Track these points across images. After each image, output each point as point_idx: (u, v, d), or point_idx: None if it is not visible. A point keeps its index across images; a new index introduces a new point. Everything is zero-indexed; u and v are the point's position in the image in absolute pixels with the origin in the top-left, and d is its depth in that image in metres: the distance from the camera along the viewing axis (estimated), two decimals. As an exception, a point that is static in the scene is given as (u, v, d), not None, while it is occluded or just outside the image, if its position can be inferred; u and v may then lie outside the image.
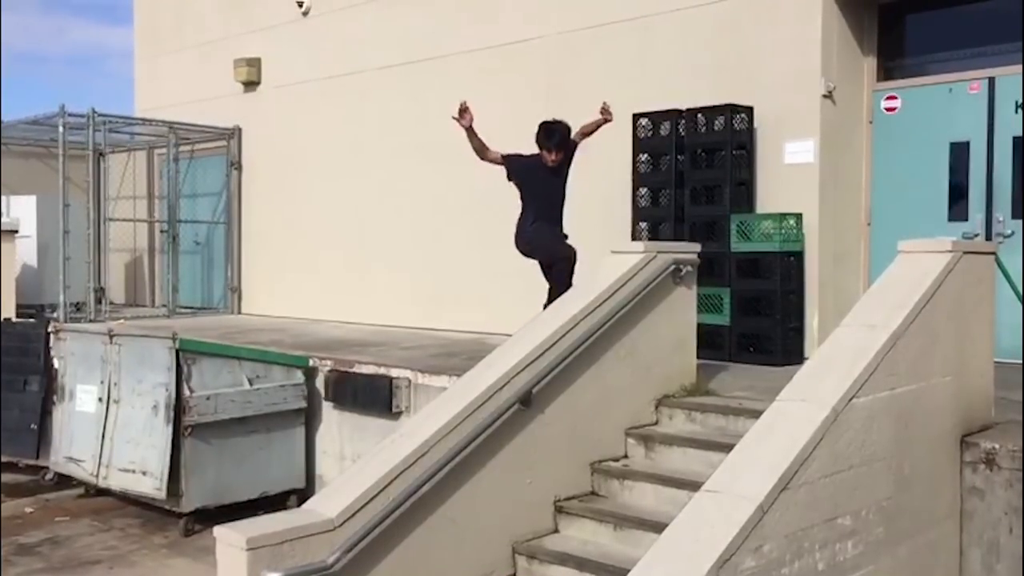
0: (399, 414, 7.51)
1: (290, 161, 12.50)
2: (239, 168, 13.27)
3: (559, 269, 6.77)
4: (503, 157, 6.79)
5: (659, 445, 5.71)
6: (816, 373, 4.45)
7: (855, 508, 4.29)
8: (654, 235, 8.33)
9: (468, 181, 10.35)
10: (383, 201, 11.22)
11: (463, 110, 6.70)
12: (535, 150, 6.84)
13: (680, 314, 6.24)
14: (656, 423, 5.98)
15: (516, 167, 6.84)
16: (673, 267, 6.06)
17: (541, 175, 6.76)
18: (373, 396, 7.71)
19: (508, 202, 10.01)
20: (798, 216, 7.79)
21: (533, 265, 9.79)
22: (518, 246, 6.96)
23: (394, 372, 7.68)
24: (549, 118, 6.78)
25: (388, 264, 11.19)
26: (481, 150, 6.80)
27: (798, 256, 7.82)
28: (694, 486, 4.47)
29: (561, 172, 6.87)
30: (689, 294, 6.30)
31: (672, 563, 3.68)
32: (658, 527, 4.44)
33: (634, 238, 8.36)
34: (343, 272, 11.68)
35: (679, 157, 8.29)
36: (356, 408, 7.94)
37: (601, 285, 5.74)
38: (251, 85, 13.04)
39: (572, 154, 6.90)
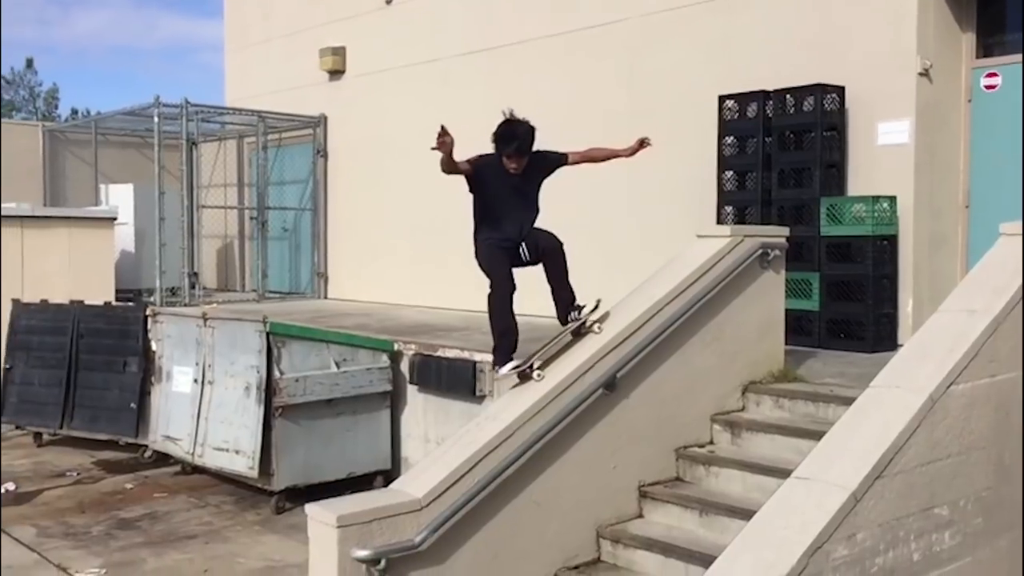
0: (483, 397, 7.57)
1: (374, 148, 12.67)
2: (325, 155, 13.52)
3: (555, 264, 5.65)
4: (473, 166, 5.53)
5: (746, 431, 5.63)
6: (912, 359, 4.33)
7: (953, 498, 4.17)
8: (740, 219, 8.19)
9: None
10: (464, 188, 11.28)
11: (442, 135, 5.21)
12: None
13: (768, 299, 6.12)
14: (743, 409, 5.90)
15: (483, 169, 5.55)
16: (761, 251, 5.95)
17: (507, 180, 5.49)
18: (457, 380, 7.79)
19: (586, 188, 10.02)
20: (892, 199, 7.55)
21: (613, 250, 9.78)
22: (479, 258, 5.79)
23: (477, 356, 7.73)
24: (510, 114, 5.44)
25: (469, 250, 11.24)
26: (453, 168, 5.46)
27: (891, 240, 7.59)
28: (783, 473, 4.39)
29: (532, 183, 5.63)
30: (777, 279, 6.19)
31: (761, 550, 3.63)
32: (745, 514, 4.39)
33: (719, 222, 8.23)
34: (426, 257, 11.80)
35: (766, 139, 8.12)
36: (440, 391, 8.04)
37: (687, 269, 5.68)
38: (336, 74, 13.25)
39: (549, 170, 5.69)
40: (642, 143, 5.96)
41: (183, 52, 65.50)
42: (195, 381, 8.35)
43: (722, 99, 8.38)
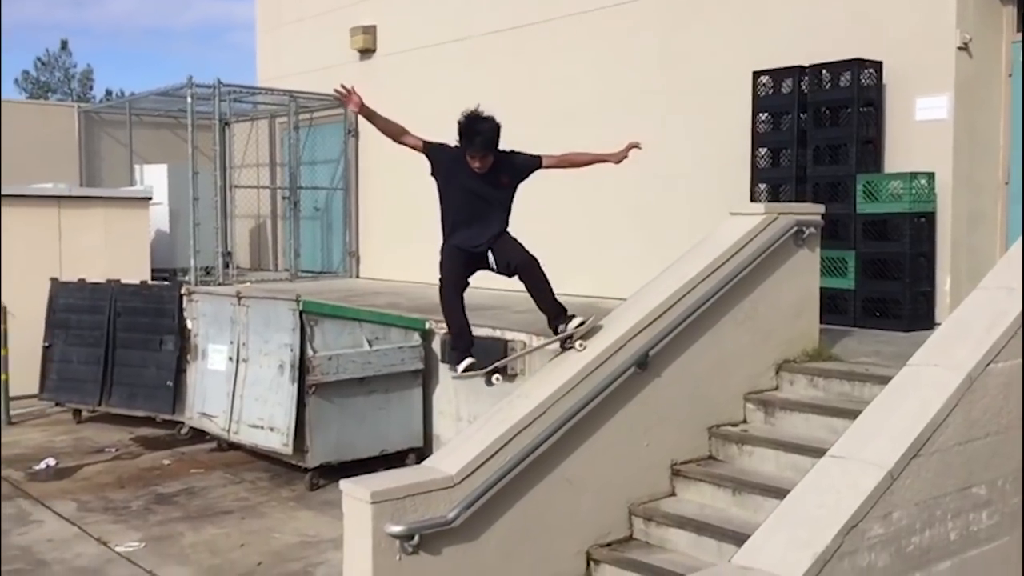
0: (514, 376, 7.58)
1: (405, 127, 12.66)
2: (356, 135, 13.54)
3: (531, 278, 5.32)
4: (424, 143, 5.34)
5: (779, 410, 5.60)
6: (950, 337, 4.28)
7: (991, 477, 4.12)
8: (774, 197, 8.11)
9: (582, 146, 10.28)
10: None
11: (347, 93, 5.26)
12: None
13: (802, 277, 6.07)
14: (776, 388, 5.86)
15: (439, 157, 5.32)
16: (795, 229, 5.89)
17: (469, 179, 5.13)
18: (488, 358, 7.78)
19: (619, 168, 9.93)
20: (930, 175, 7.43)
21: (644, 231, 9.73)
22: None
23: (509, 335, 7.75)
24: (473, 109, 5.08)
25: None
26: (396, 133, 5.39)
27: (929, 217, 7.48)
28: (817, 452, 4.37)
29: (499, 186, 5.24)
30: (812, 257, 6.12)
31: (796, 528, 3.62)
32: (779, 493, 4.37)
33: (753, 200, 8.16)
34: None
35: (801, 115, 8.01)
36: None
37: (720, 247, 5.64)
38: (367, 53, 13.25)
39: (521, 174, 5.36)
40: (630, 148, 5.60)
41: (215, 32, 65.81)
42: (230, 359, 8.44)
43: (756, 75, 8.28)
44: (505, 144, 5.34)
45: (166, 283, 10.73)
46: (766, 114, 8.28)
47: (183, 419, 9.20)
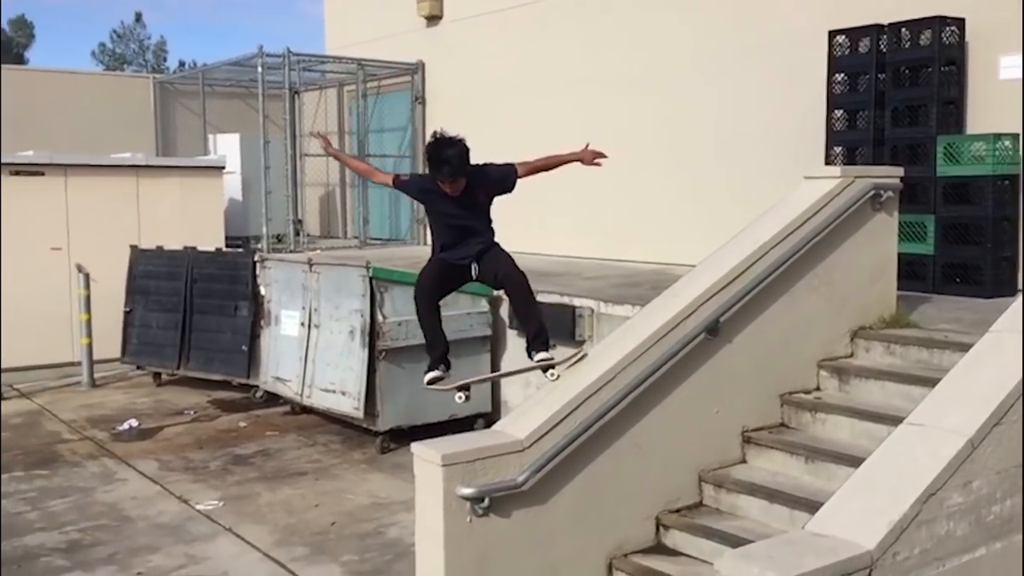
0: (582, 342, 7.57)
1: (470, 94, 12.66)
2: (423, 102, 13.58)
3: (515, 291, 5.24)
4: (393, 180, 5.37)
5: (854, 378, 5.49)
6: (1036, 303, 4.13)
7: (1077, 447, 3.98)
8: (850, 160, 7.90)
9: (649, 112, 10.17)
10: (564, 133, 11.15)
11: (322, 140, 5.66)
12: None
13: (879, 242, 5.91)
14: (851, 355, 5.74)
15: (410, 190, 5.41)
16: (872, 192, 5.73)
17: (445, 204, 5.09)
18: (556, 324, 7.77)
19: (690, 133, 9.80)
20: (1014, 136, 7.15)
21: (716, 197, 9.58)
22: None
23: (576, 301, 7.73)
24: (438, 134, 4.95)
25: (568, 195, 11.19)
26: (366, 172, 5.57)
27: (1013, 180, 7.21)
28: (893, 420, 4.29)
29: (477, 203, 5.17)
30: (889, 221, 5.96)
31: (871, 496, 3.56)
32: (854, 461, 4.30)
33: (828, 163, 7.96)
34: (523, 204, 11.70)
35: (879, 76, 7.77)
36: (540, 336, 8.06)
37: (794, 212, 5.52)
38: (433, 20, 13.23)
39: (497, 187, 5.23)
40: (598, 155, 5.48)
41: (284, 2, 66.45)
42: (302, 324, 8.60)
43: (832, 34, 8.05)
44: (569, 116, 5.27)
45: (240, 250, 10.95)
46: (842, 75, 8.05)
47: (257, 383, 9.42)
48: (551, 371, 5.04)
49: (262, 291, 9.41)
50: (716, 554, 3.98)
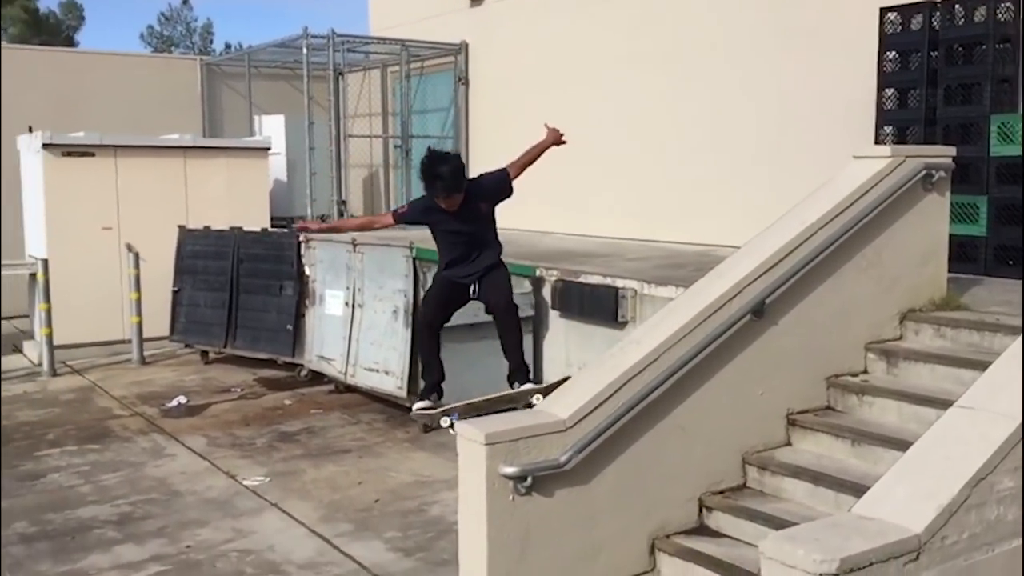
0: (624, 324, 7.55)
1: (514, 74, 12.61)
2: (466, 83, 13.56)
3: (503, 323, 5.55)
4: (394, 217, 5.65)
5: (903, 361, 5.40)
6: (1094, 285, 4.02)
7: None
8: (900, 139, 7.75)
9: (694, 92, 10.05)
10: (607, 114, 11.12)
11: (307, 228, 6.56)
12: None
13: (930, 223, 5.80)
14: (900, 338, 5.65)
15: (412, 220, 5.65)
16: (923, 173, 5.61)
17: (447, 221, 5.34)
18: (599, 305, 7.79)
19: (734, 114, 9.67)
20: (1072, 115, 6.97)
21: (760, 177, 9.46)
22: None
23: (619, 282, 7.70)
24: (431, 152, 5.22)
25: (613, 177, 11.13)
26: (367, 225, 6.15)
27: (1070, 160, 7.02)
28: (943, 404, 4.22)
29: (476, 215, 5.42)
30: (941, 202, 5.84)
31: (919, 480, 3.51)
32: (901, 445, 4.25)
33: (878, 142, 7.82)
34: (569, 185, 11.73)
35: (932, 53, 7.60)
36: (582, 317, 8.06)
37: (842, 192, 5.42)
38: (477, 0, 13.19)
39: (495, 195, 5.54)
40: (557, 134, 5.84)
41: (327, -16, 66.63)
42: (346, 304, 8.69)
43: (883, 11, 7.89)
44: (613, 96, 5.36)
45: (285, 231, 11.06)
46: (894, 52, 7.89)
47: (302, 362, 9.54)
48: (536, 396, 5.24)
49: (307, 271, 9.51)
50: (760, 536, 3.96)
